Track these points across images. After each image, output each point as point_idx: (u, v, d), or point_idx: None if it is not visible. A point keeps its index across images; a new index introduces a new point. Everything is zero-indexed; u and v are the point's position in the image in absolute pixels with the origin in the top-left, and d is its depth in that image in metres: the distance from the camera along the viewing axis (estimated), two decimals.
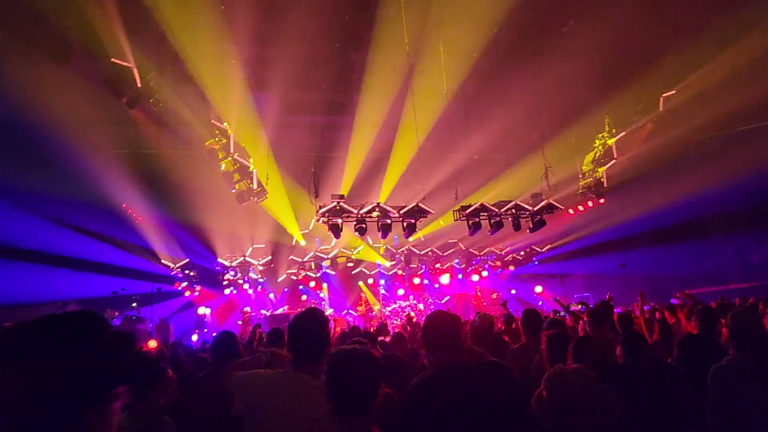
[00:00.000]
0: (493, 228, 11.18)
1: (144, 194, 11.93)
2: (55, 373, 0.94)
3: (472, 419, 2.11)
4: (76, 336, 1.01)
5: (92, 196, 10.98)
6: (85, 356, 0.98)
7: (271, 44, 10.36)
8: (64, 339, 0.99)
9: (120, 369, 1.03)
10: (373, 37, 10.23)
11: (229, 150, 10.98)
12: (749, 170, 11.79)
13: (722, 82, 10.71)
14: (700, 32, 10.07)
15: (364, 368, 1.84)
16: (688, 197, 12.92)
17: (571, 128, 12.56)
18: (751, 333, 2.85)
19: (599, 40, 10.23)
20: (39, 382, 0.92)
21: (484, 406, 2.15)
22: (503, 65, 11.36)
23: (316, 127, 12.52)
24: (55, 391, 0.93)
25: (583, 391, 2.39)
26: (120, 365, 1.03)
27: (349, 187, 13.02)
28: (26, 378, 0.92)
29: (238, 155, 11.11)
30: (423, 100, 11.04)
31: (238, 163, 11.15)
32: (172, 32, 9.12)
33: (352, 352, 1.89)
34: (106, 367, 1.00)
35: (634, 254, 14.68)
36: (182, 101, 10.26)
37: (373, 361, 1.89)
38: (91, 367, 0.98)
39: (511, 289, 18.77)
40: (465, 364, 2.32)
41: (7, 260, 10.51)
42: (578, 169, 13.79)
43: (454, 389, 2.19)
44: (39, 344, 0.97)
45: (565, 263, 17.37)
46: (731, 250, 14.65)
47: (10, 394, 0.91)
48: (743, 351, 2.82)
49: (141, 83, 9.21)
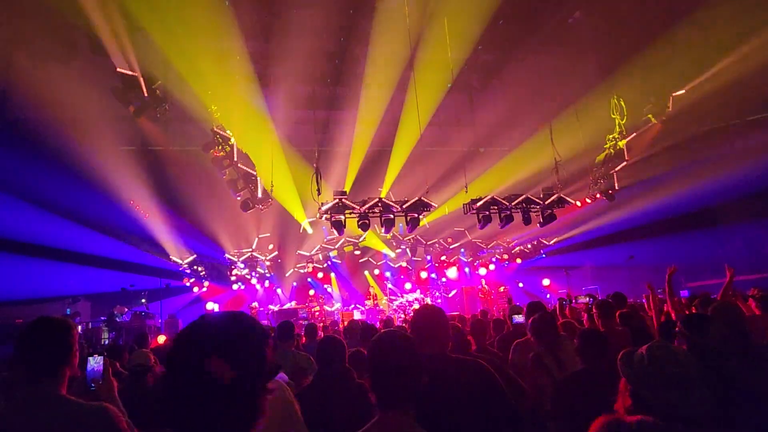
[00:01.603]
0: (503, 222, 11.15)
1: (151, 189, 11.99)
2: (254, 366, 1.09)
3: (444, 410, 2.12)
4: (260, 333, 1.14)
5: (101, 192, 11.07)
6: (263, 351, 1.12)
7: (275, 39, 10.36)
8: (256, 335, 1.13)
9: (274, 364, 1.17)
10: (374, 30, 10.15)
11: (232, 158, 10.89)
12: (758, 159, 11.63)
13: (734, 77, 10.51)
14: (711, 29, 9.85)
15: (409, 354, 1.74)
16: (697, 186, 12.76)
17: (579, 122, 12.40)
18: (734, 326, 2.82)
19: (606, 31, 10.10)
20: (244, 375, 1.05)
21: (457, 399, 2.17)
22: (508, 57, 11.28)
23: (319, 118, 12.46)
24: (252, 382, 1.07)
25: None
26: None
27: (355, 174, 13.01)
28: (234, 368, 1.04)
29: (241, 163, 11.02)
30: (425, 89, 10.92)
31: (241, 170, 11.07)
32: (176, 29, 9.10)
33: (396, 338, 1.79)
34: (270, 362, 1.14)
35: (642, 245, 14.56)
36: (187, 110, 10.23)
37: (414, 346, 1.80)
38: (266, 361, 1.12)
39: (518, 282, 18.74)
40: (445, 357, 2.34)
41: (18, 256, 10.65)
42: (587, 164, 13.58)
43: (437, 380, 2.19)
44: (242, 339, 1.10)
45: (572, 255, 17.27)
46: (741, 241, 14.47)
47: (222, 383, 1.02)
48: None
49: (147, 92, 9.20)
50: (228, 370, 1.03)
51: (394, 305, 15.88)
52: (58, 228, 11.23)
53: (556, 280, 17.07)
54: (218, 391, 1.02)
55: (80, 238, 11.78)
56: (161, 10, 8.79)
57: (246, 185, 11.20)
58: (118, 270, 12.77)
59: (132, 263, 13.25)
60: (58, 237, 11.43)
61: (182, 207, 12.89)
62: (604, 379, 2.36)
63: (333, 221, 10.21)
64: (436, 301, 16.71)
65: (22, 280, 11.00)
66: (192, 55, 9.68)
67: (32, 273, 11.24)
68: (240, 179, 11.13)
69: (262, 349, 1.12)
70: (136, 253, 13.39)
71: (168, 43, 9.27)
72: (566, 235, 17.24)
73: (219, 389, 1.02)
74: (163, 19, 8.87)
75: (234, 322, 1.13)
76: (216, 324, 1.12)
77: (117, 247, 12.79)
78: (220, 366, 1.03)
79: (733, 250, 14.45)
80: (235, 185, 11.14)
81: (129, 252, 13.17)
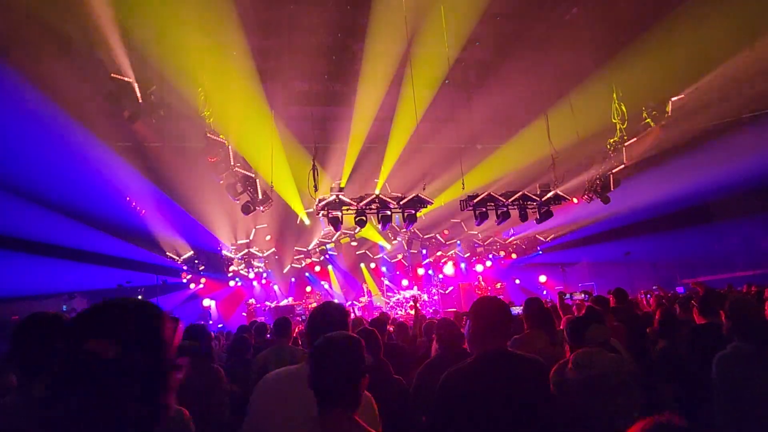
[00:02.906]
0: (500, 218, 11.17)
1: (147, 183, 11.90)
2: (143, 345, 1.07)
3: (508, 409, 2.13)
4: (155, 316, 1.13)
5: (96, 187, 11.02)
6: (152, 326, 1.11)
7: (275, 35, 10.29)
8: (141, 311, 1.13)
9: (179, 349, 1.16)
10: (370, 25, 10.08)
11: (228, 162, 10.71)
12: (755, 154, 11.65)
13: (732, 75, 10.49)
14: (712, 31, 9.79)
15: (348, 355, 1.73)
16: (693, 182, 12.78)
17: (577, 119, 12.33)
18: (753, 320, 2.84)
19: (603, 25, 10.04)
20: (131, 352, 1.04)
21: (520, 397, 2.16)
22: (505, 54, 11.23)
23: (316, 113, 12.36)
24: (143, 361, 1.05)
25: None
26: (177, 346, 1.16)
27: (351, 165, 12.95)
28: (121, 347, 1.03)
29: (239, 166, 10.84)
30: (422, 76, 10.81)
31: (239, 173, 10.90)
32: (171, 24, 9.00)
33: (336, 338, 1.77)
34: (169, 344, 1.13)
35: (638, 242, 14.61)
36: (183, 108, 10.09)
37: (358, 347, 1.78)
38: (159, 335, 1.11)
39: (515, 279, 18.79)
40: (508, 354, 2.32)
41: (14, 252, 10.59)
42: (583, 160, 13.50)
43: (496, 377, 2.19)
44: (130, 319, 1.10)
45: (569, 252, 17.32)
46: (738, 237, 14.53)
47: (109, 361, 1.01)
48: (746, 339, 2.79)
49: (142, 98, 9.07)
50: (109, 346, 1.02)
51: (391, 301, 15.91)
52: (54, 224, 11.17)
53: (553, 276, 17.12)
54: (103, 369, 1.00)
55: (76, 235, 11.73)
56: (155, 6, 8.70)
57: (245, 188, 11.04)
58: (114, 267, 12.71)
59: (128, 260, 13.19)
60: (53, 233, 11.38)
61: (178, 197, 12.75)
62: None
63: (330, 217, 10.22)
64: (433, 298, 16.76)
65: (17, 276, 10.95)
66: (187, 51, 9.59)
67: (28, 269, 11.19)
68: (238, 182, 10.99)
69: (151, 324, 1.11)
70: (132, 249, 13.34)
71: (163, 39, 9.18)
72: (562, 231, 17.28)
73: (103, 366, 1.00)
74: (157, 14, 8.77)
75: (116, 302, 1.13)
76: (97, 306, 1.12)
77: (113, 244, 12.73)
78: (99, 344, 1.02)
79: (730, 246, 14.52)
80: (233, 189, 10.99)
81: (125, 248, 13.11)
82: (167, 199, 12.63)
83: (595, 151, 12.69)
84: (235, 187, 10.98)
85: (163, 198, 12.53)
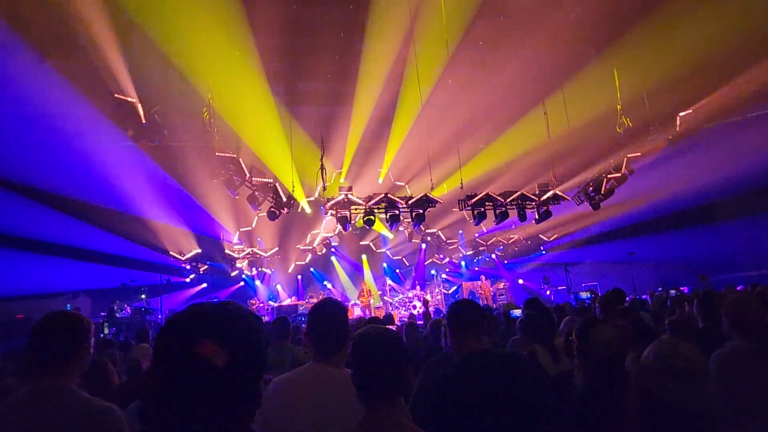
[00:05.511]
0: (499, 218, 11.14)
1: (150, 180, 11.84)
2: (248, 350, 1.06)
3: (498, 409, 2.11)
4: (254, 319, 1.14)
5: (101, 187, 11.04)
6: (258, 337, 1.12)
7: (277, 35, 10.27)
8: (249, 320, 1.12)
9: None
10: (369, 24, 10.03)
11: (243, 176, 10.60)
12: (760, 154, 11.59)
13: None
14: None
15: (394, 349, 1.69)
16: (697, 183, 12.72)
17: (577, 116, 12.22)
18: (751, 319, 2.83)
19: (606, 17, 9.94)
20: (237, 363, 1.02)
21: (510, 397, 2.15)
22: (508, 53, 11.16)
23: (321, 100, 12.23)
24: (248, 367, 1.05)
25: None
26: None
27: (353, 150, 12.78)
28: (229, 357, 1.01)
29: (255, 177, 10.71)
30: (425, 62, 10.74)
31: (258, 183, 10.81)
32: (174, 25, 8.99)
33: (378, 333, 1.74)
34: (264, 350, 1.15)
35: (642, 242, 14.57)
36: (185, 108, 10.07)
37: (401, 341, 1.75)
38: (261, 347, 1.12)
39: (518, 279, 18.75)
40: (493, 353, 2.32)
41: (18, 251, 10.64)
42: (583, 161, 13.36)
43: (484, 378, 2.19)
44: (235, 323, 1.08)
45: (572, 252, 17.28)
46: (742, 237, 14.46)
47: (220, 368, 1.00)
48: (744, 337, 2.79)
49: (145, 118, 9.10)
50: (221, 354, 1.00)
51: (394, 301, 15.91)
52: (59, 223, 11.21)
53: (556, 276, 17.07)
54: (212, 376, 0.98)
55: (80, 234, 11.76)
56: (160, 9, 8.70)
57: (266, 196, 10.94)
58: (118, 266, 12.75)
59: (132, 259, 13.22)
60: (57, 232, 11.42)
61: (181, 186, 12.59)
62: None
63: (339, 217, 10.25)
64: (436, 298, 16.74)
65: (22, 275, 11.01)
66: (190, 51, 9.58)
67: (32, 268, 11.24)
68: (257, 192, 10.91)
69: (256, 334, 1.10)
70: (136, 248, 13.36)
71: (167, 39, 9.18)
72: (565, 231, 17.24)
73: (212, 373, 0.98)
74: (162, 16, 8.77)
75: (226, 308, 1.11)
76: (208, 309, 1.09)
77: (117, 243, 12.76)
78: (211, 349, 0.99)
79: (733, 246, 14.46)
80: (254, 199, 10.88)
81: (129, 247, 13.14)
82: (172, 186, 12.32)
83: (595, 153, 12.62)
84: (256, 197, 10.90)
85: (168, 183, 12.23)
